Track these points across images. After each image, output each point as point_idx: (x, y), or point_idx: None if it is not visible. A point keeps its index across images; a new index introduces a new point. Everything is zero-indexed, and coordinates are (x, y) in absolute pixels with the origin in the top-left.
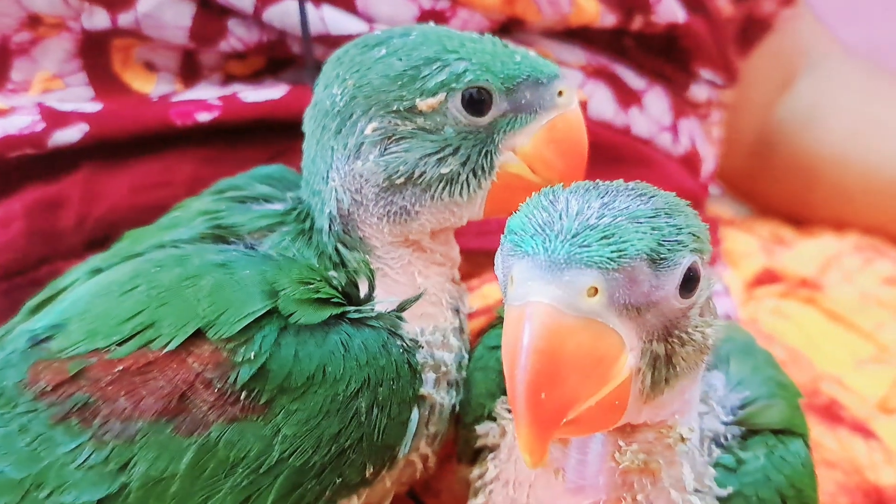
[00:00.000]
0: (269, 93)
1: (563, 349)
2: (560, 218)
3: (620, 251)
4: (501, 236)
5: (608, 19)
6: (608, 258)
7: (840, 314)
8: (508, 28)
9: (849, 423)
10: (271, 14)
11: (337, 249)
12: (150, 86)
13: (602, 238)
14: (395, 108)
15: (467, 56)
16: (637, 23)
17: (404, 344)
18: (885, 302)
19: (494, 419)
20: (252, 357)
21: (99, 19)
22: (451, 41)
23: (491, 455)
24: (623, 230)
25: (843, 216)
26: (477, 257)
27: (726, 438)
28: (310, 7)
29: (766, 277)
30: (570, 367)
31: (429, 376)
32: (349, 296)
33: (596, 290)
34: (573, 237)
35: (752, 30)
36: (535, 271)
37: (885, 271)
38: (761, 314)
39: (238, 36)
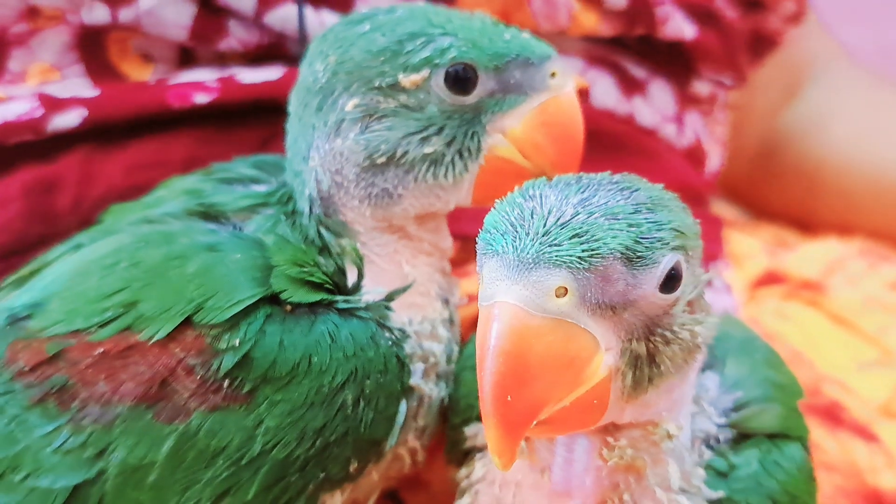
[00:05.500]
0: (267, 73)
1: (530, 351)
2: (532, 215)
3: (592, 250)
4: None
5: (607, 30)
6: (578, 257)
7: (843, 317)
8: None
9: (850, 425)
10: (272, 17)
11: (320, 233)
12: (147, 75)
13: (573, 236)
14: (377, 85)
15: (453, 32)
16: (639, 30)
17: (393, 336)
18: (890, 306)
19: None
20: (236, 344)
21: (99, 14)
22: (437, 17)
23: (479, 455)
24: (596, 227)
25: (848, 221)
26: (474, 242)
27: (718, 441)
28: (309, 11)
29: (769, 278)
30: (539, 369)
31: (417, 367)
32: (337, 284)
33: (566, 290)
34: (543, 235)
35: (760, 45)
36: (503, 271)
37: (889, 276)
38: (763, 315)
39: (238, 37)
